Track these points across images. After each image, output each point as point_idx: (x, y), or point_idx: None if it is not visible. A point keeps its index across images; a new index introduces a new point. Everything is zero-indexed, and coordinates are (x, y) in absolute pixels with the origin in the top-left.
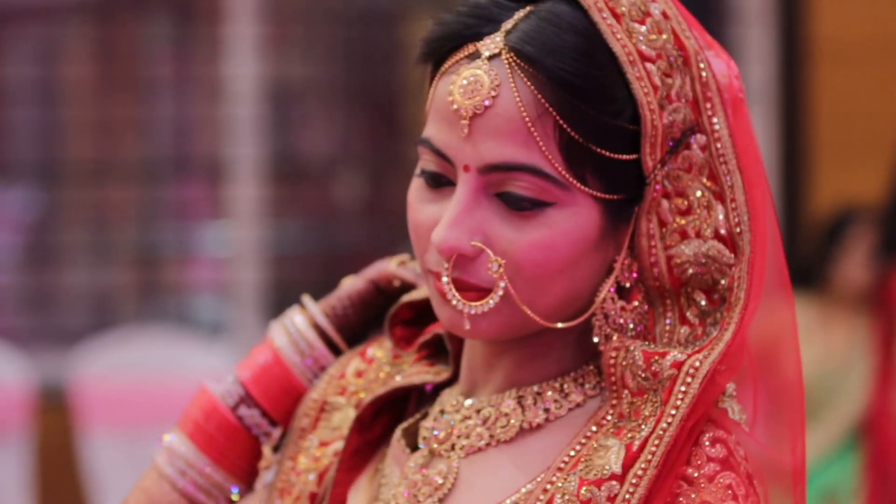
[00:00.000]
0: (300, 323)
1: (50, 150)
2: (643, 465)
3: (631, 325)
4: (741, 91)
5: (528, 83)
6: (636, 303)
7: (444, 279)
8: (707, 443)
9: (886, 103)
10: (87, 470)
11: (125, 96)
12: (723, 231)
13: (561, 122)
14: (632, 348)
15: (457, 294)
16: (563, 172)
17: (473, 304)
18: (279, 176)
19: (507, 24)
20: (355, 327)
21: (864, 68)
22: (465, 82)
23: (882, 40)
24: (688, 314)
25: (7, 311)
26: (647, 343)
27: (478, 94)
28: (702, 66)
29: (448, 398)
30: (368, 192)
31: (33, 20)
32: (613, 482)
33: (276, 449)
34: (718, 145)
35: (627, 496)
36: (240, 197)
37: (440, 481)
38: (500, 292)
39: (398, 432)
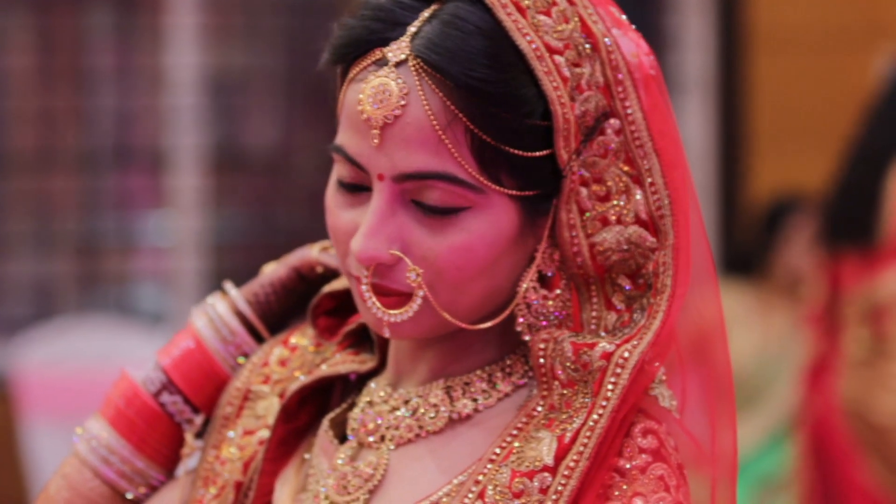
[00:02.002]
0: (222, 309)
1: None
2: (575, 457)
3: (554, 313)
4: (653, 68)
5: (437, 90)
6: (558, 290)
7: (364, 287)
8: (638, 434)
9: (824, 91)
10: (28, 459)
11: (66, 86)
12: (644, 215)
13: (471, 126)
14: (560, 340)
15: (377, 302)
16: (477, 176)
17: (393, 311)
18: (221, 165)
19: (412, 29)
20: (277, 314)
21: (802, 57)
22: (373, 91)
23: (820, 28)
24: (613, 300)
25: None
26: (575, 334)
27: (387, 103)
28: (610, 48)
29: (375, 388)
30: (310, 182)
31: None
32: (546, 474)
33: (198, 436)
34: (633, 128)
35: (560, 488)
36: (181, 186)
37: (370, 472)
38: (419, 301)
39: (326, 423)
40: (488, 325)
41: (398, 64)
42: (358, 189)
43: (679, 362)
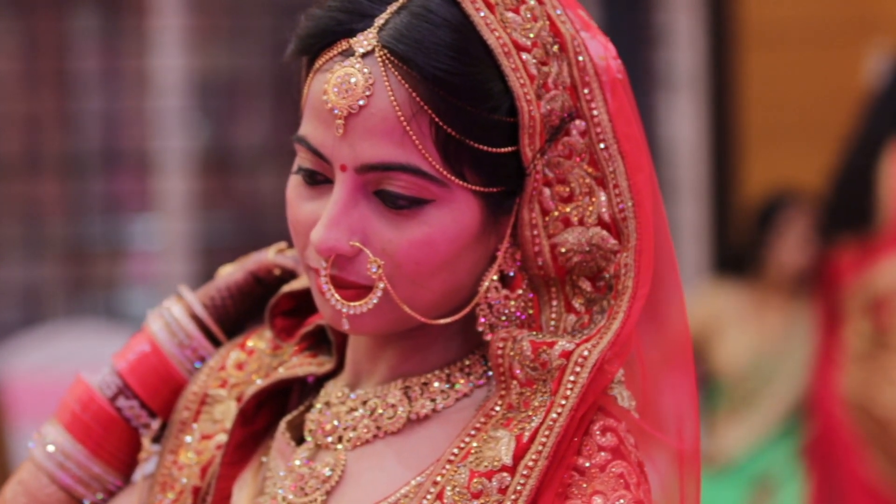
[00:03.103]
0: (178, 313)
1: None
2: (534, 456)
3: (516, 314)
4: (619, 72)
5: (403, 81)
6: (520, 290)
7: (323, 279)
8: (598, 432)
9: (816, 87)
10: (16, 465)
11: (52, 90)
12: (606, 217)
13: (437, 119)
14: (519, 338)
15: (336, 294)
16: (441, 170)
17: (352, 303)
18: (208, 168)
19: (380, 20)
20: (234, 318)
21: (793, 52)
22: (339, 81)
23: (810, 23)
24: (574, 302)
25: None
26: (534, 333)
27: (352, 93)
28: (578, 49)
29: (333, 390)
30: None
31: None
32: (504, 474)
33: (155, 440)
34: (598, 130)
35: (519, 487)
36: (169, 190)
37: (328, 473)
38: (380, 293)
39: (282, 425)
40: (448, 320)
41: (365, 55)
42: (319, 181)
43: (639, 362)
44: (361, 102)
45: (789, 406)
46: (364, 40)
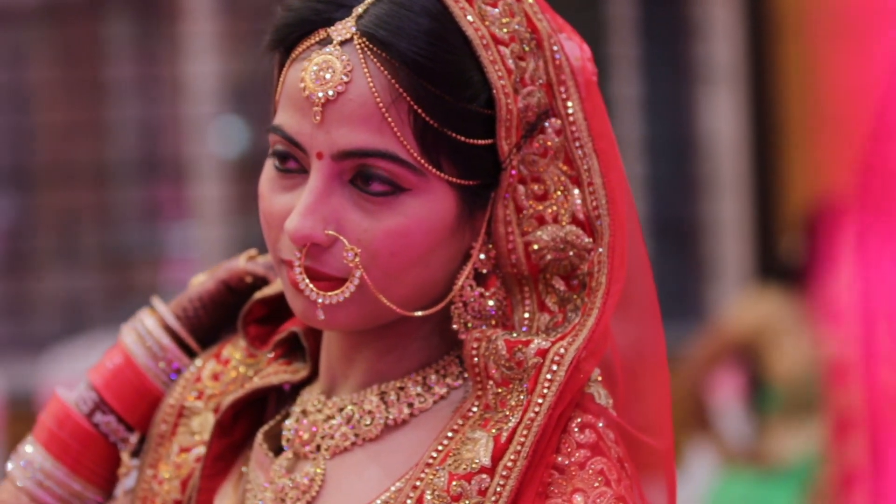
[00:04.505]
0: (151, 325)
1: (20, 154)
2: (513, 457)
3: (490, 312)
4: (594, 74)
5: (382, 68)
6: (494, 289)
7: (297, 269)
8: (576, 429)
9: (852, 77)
10: None
11: (88, 98)
12: (581, 216)
13: (415, 106)
14: (493, 338)
15: (310, 284)
16: (419, 158)
17: (328, 293)
18: (244, 173)
19: (359, 9)
20: (208, 328)
21: (831, 41)
22: (316, 68)
23: (848, 11)
24: (547, 301)
25: None
26: (508, 332)
27: (330, 79)
28: (555, 48)
29: (309, 397)
30: None
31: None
32: (484, 475)
33: (134, 454)
34: (573, 128)
35: (499, 489)
36: (205, 196)
37: (307, 483)
38: (357, 281)
39: (259, 437)
40: (423, 313)
41: (343, 42)
42: (293, 172)
43: (616, 360)
44: (340, 89)
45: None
46: (342, 28)
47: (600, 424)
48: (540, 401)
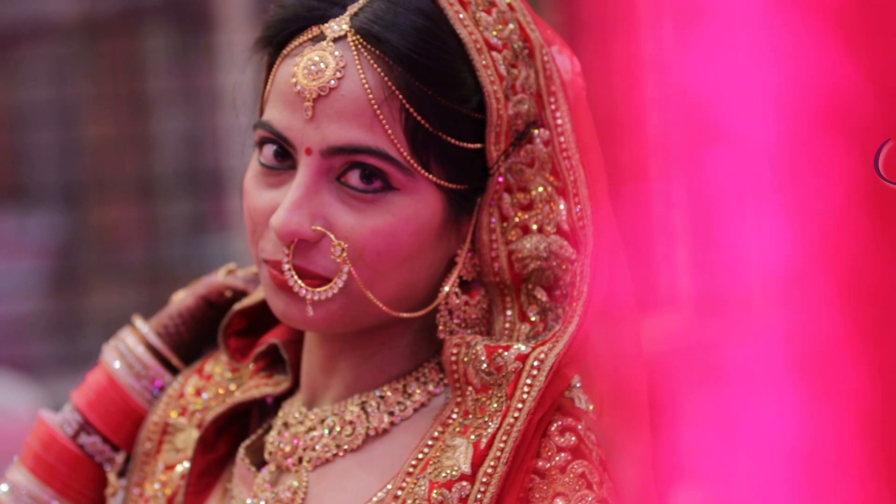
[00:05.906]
0: (133, 344)
1: (69, 170)
2: (493, 463)
3: (473, 318)
4: (583, 89)
5: (375, 65)
6: (478, 297)
7: (286, 265)
8: (556, 433)
9: None
10: None
11: (127, 112)
12: (565, 226)
13: (407, 105)
14: (473, 343)
15: (299, 280)
16: (408, 157)
17: (316, 289)
18: None
19: (353, 8)
20: (189, 344)
21: None
22: (309, 63)
23: None
24: (528, 312)
25: (29, 339)
26: (489, 338)
27: (322, 75)
28: (546, 59)
29: (290, 410)
30: None
31: (40, 40)
32: (464, 482)
33: (121, 474)
34: (562, 139)
35: (479, 496)
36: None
37: (290, 496)
38: (345, 276)
39: (241, 451)
40: (407, 315)
41: (336, 39)
42: (280, 169)
43: (596, 366)
44: (332, 84)
45: None
46: (336, 25)
47: (580, 427)
48: (520, 406)
